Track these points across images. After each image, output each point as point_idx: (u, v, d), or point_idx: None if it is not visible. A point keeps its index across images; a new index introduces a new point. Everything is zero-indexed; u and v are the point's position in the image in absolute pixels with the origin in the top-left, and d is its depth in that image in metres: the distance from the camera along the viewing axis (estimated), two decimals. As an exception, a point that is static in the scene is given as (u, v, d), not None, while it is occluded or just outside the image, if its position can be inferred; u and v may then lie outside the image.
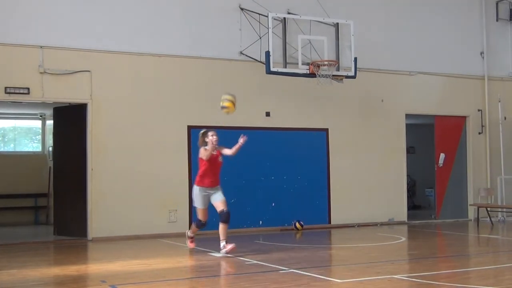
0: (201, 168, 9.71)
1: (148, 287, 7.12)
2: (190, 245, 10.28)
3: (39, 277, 7.96)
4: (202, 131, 9.84)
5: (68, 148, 12.81)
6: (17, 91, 11.71)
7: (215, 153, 9.75)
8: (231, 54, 13.36)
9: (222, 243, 9.61)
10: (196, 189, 9.76)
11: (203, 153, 9.63)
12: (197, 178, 9.74)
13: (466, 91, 15.95)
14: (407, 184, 15.53)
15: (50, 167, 15.07)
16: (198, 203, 9.81)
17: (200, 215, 9.90)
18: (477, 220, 14.90)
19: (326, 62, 12.45)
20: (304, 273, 7.72)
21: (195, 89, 13.10)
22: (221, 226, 9.71)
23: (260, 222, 13.52)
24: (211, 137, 9.70)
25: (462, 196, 15.89)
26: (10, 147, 17.34)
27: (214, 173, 9.73)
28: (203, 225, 10.01)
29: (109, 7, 12.51)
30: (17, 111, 16.21)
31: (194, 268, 8.90)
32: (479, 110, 16.06)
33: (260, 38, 12.92)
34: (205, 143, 9.74)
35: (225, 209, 9.69)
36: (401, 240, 11.87)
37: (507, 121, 16.21)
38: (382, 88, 14.90)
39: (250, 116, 13.52)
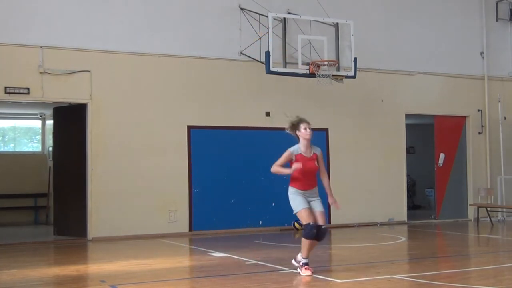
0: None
1: (148, 287, 7.12)
2: (305, 271, 7.50)
3: (39, 277, 7.96)
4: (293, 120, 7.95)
5: (68, 148, 12.81)
6: (17, 91, 11.71)
7: (308, 155, 7.77)
8: (231, 54, 13.36)
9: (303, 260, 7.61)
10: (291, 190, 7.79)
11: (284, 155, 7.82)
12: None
13: (466, 91, 15.94)
14: (407, 184, 15.53)
15: (50, 167, 15.07)
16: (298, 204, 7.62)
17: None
18: (477, 220, 14.90)
19: (326, 62, 12.44)
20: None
21: (195, 89, 13.10)
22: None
23: (260, 222, 13.52)
24: (303, 130, 7.77)
25: (462, 196, 15.89)
26: (10, 147, 17.34)
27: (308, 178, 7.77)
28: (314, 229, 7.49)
29: (109, 7, 12.51)
30: (17, 111, 16.21)
31: (194, 268, 8.90)
32: (479, 110, 16.06)
33: (260, 38, 12.91)
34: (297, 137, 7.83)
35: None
36: (401, 240, 11.87)
37: (507, 121, 16.20)
38: (382, 88, 14.90)
39: (250, 116, 13.52)
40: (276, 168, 7.86)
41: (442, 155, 15.69)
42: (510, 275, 7.82)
